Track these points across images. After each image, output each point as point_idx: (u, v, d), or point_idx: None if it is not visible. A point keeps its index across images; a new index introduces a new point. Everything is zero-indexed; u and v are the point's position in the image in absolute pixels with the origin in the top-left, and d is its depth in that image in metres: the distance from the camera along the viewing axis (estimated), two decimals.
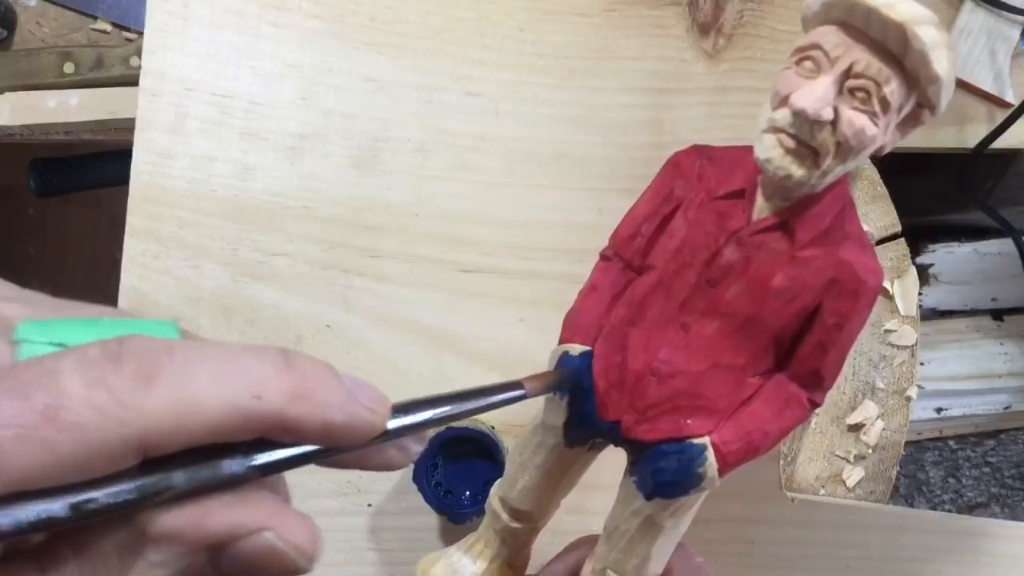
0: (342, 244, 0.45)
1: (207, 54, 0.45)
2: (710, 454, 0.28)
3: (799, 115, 0.24)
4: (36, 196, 0.77)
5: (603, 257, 0.31)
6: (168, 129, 0.44)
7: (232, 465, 0.21)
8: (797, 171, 0.25)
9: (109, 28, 0.60)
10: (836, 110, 0.24)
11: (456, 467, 0.41)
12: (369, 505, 0.44)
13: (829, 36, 0.25)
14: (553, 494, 0.33)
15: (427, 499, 0.39)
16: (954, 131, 0.59)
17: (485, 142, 0.46)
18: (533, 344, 0.45)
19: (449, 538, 0.45)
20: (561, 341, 0.31)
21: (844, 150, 0.25)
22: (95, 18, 0.60)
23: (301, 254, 0.45)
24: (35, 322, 0.21)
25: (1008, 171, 0.62)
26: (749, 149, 0.27)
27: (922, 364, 0.71)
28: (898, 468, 0.50)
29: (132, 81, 0.53)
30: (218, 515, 0.21)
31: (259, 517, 0.21)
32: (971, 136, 0.58)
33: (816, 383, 0.28)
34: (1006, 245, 0.66)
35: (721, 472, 0.28)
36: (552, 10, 0.46)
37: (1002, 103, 0.58)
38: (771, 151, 0.25)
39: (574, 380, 0.30)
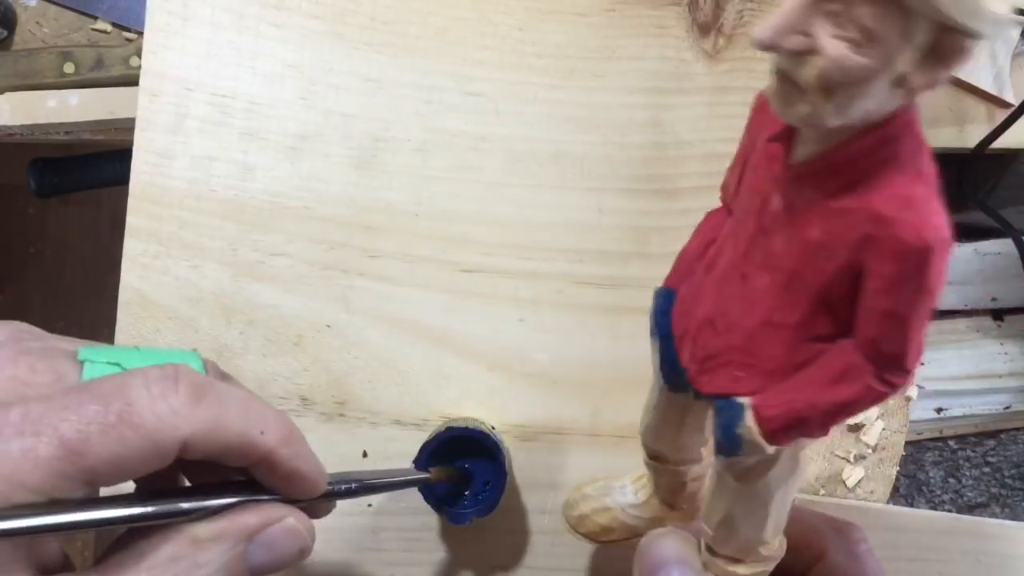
0: (342, 244, 0.45)
1: (207, 54, 0.45)
2: (749, 416, 0.26)
3: (765, 48, 0.21)
4: (36, 196, 0.77)
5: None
6: (168, 129, 0.44)
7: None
8: (794, 112, 0.22)
9: (109, 28, 0.60)
10: (815, 37, 0.20)
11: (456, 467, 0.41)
12: (369, 505, 0.44)
13: None
14: (678, 437, 0.33)
15: (427, 499, 0.39)
16: (954, 131, 0.59)
17: (485, 142, 0.46)
18: (533, 344, 0.45)
19: (449, 538, 0.45)
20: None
21: (830, 85, 0.21)
22: (95, 18, 0.60)
23: (301, 254, 0.45)
24: (93, 347, 0.28)
25: (1008, 171, 0.62)
26: None
27: (922, 364, 0.71)
28: (898, 468, 0.50)
29: (132, 81, 0.53)
30: (253, 513, 0.28)
31: (281, 510, 0.28)
32: (971, 136, 0.58)
33: (880, 356, 0.24)
34: (1006, 245, 0.66)
35: (768, 438, 0.25)
36: (552, 10, 0.46)
37: (1002, 103, 0.58)
38: (772, 95, 0.22)
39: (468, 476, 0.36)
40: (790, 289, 0.25)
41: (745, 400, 0.26)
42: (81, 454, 0.23)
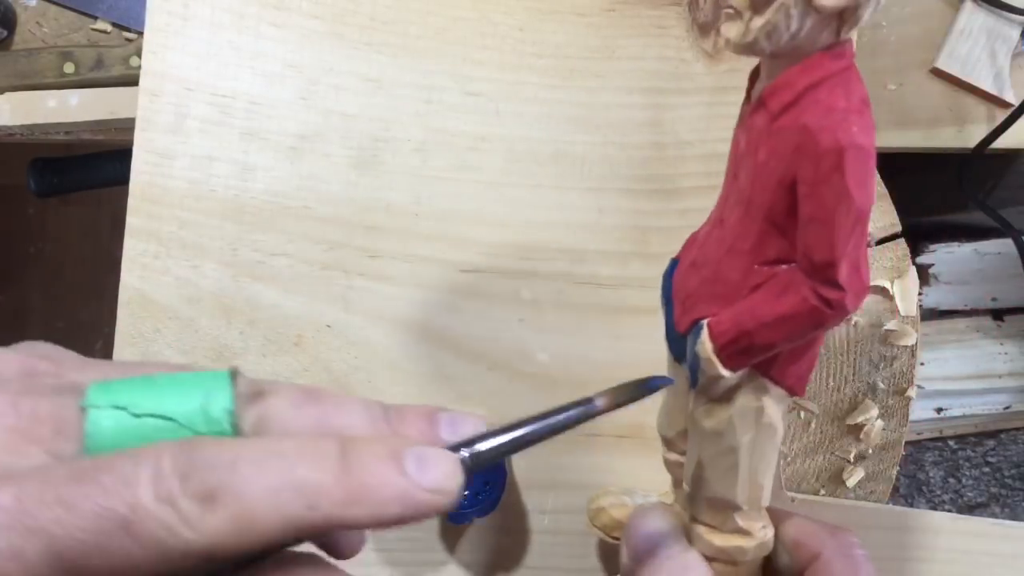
0: (342, 244, 0.45)
1: (207, 54, 0.45)
2: (704, 332, 0.28)
3: None
4: (36, 196, 0.77)
5: None
6: (168, 129, 0.44)
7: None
8: (731, 32, 0.25)
9: (109, 28, 0.60)
10: None
11: None
12: None
13: None
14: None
15: None
16: (954, 131, 0.59)
17: (485, 142, 0.46)
18: (533, 344, 0.45)
19: (449, 538, 0.45)
20: None
21: (757, 2, 0.24)
22: (95, 18, 0.60)
23: (301, 254, 0.45)
24: (101, 384, 0.24)
25: (1008, 171, 0.62)
26: None
27: (922, 364, 0.71)
28: (898, 468, 0.50)
29: (132, 81, 0.53)
30: None
31: None
32: (971, 136, 0.58)
33: (812, 268, 0.25)
34: (1006, 245, 0.66)
35: (719, 354, 0.27)
36: (552, 10, 0.46)
37: (1002, 103, 0.58)
38: (715, 22, 0.26)
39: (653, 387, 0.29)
40: (747, 215, 0.27)
41: (705, 320, 0.28)
42: (76, 568, 0.20)
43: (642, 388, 0.29)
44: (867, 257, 0.25)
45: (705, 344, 0.28)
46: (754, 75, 0.28)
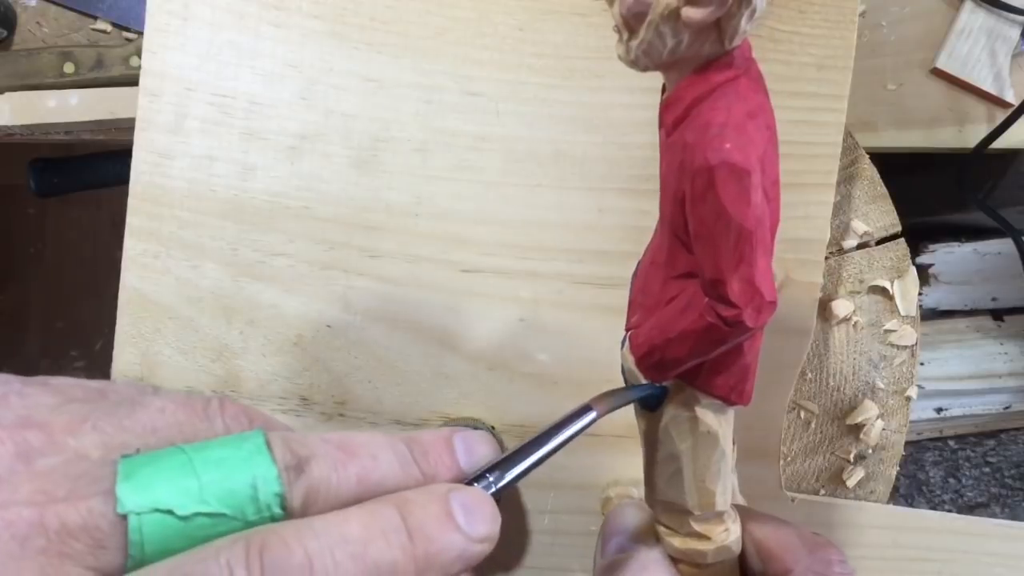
0: (342, 244, 0.45)
1: (207, 54, 0.45)
2: (627, 345, 0.28)
3: None
4: (36, 196, 0.77)
5: None
6: (168, 129, 0.44)
7: None
8: (620, 53, 0.26)
9: (109, 28, 0.60)
10: None
11: None
12: None
13: None
14: None
15: None
16: (954, 131, 0.59)
17: (485, 142, 0.46)
18: (533, 344, 0.45)
19: None
20: None
21: (627, 22, 0.25)
22: (95, 18, 0.60)
23: (301, 254, 0.45)
24: (130, 482, 0.22)
25: (1008, 171, 0.62)
26: None
27: (922, 364, 0.71)
28: (898, 468, 0.50)
29: (132, 81, 0.53)
30: None
31: None
32: (971, 136, 0.58)
33: (706, 285, 0.25)
34: (1006, 245, 0.66)
35: (639, 365, 0.28)
36: (552, 10, 0.46)
37: (1002, 103, 0.58)
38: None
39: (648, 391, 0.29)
40: (662, 228, 0.27)
41: (627, 332, 0.29)
42: None
43: (637, 391, 0.29)
44: (768, 270, 0.25)
45: (627, 356, 0.28)
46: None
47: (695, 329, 0.25)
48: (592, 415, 0.29)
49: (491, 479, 0.26)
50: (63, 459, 0.22)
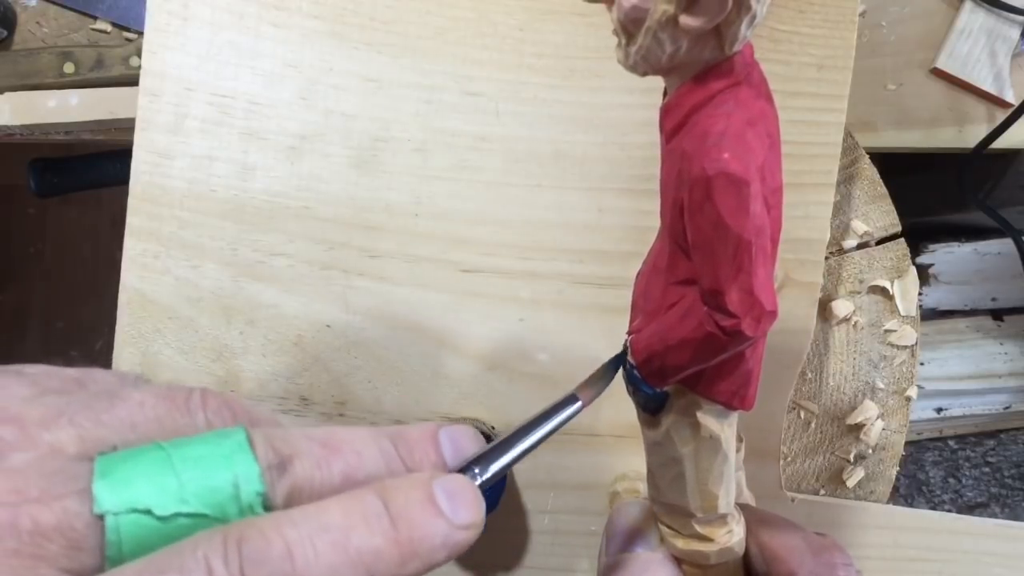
0: (342, 244, 0.45)
1: (207, 54, 0.45)
2: (628, 347, 0.28)
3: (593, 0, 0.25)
4: (36, 196, 0.77)
5: None
6: (168, 129, 0.44)
7: None
8: (619, 58, 0.25)
9: (109, 28, 0.60)
10: None
11: None
12: None
13: None
14: None
15: None
16: (954, 131, 0.59)
17: (485, 142, 0.46)
18: (533, 344, 0.45)
19: None
20: None
21: (625, 28, 0.24)
22: (95, 18, 0.60)
23: (301, 254, 0.45)
24: (107, 480, 0.21)
25: (1008, 171, 0.62)
26: None
27: (922, 364, 0.71)
28: (898, 468, 0.50)
29: (132, 81, 0.53)
30: None
31: None
32: (971, 136, 0.58)
33: (705, 295, 0.25)
34: (1006, 245, 0.66)
35: (640, 371, 0.28)
36: (552, 10, 0.46)
37: (1002, 103, 0.58)
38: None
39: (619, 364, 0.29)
40: (663, 233, 0.27)
41: (629, 336, 0.28)
42: None
43: (612, 365, 0.29)
44: (769, 279, 0.24)
45: (629, 361, 0.28)
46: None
47: (695, 337, 0.25)
48: (577, 404, 0.28)
49: (476, 471, 0.26)
50: (37, 455, 0.21)
